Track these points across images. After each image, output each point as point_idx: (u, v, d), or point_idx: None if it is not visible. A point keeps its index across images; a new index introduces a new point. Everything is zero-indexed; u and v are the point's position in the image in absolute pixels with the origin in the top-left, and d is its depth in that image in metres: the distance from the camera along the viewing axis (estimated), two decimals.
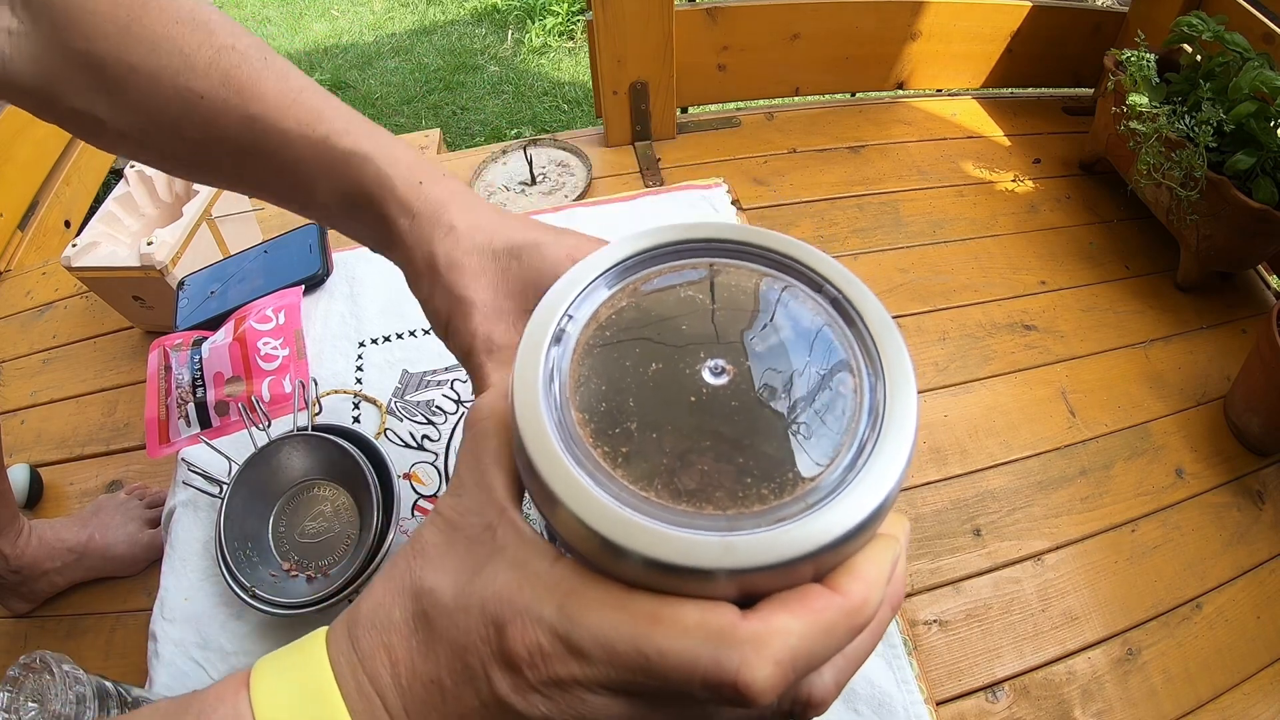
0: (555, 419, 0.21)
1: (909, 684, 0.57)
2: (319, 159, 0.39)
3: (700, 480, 0.20)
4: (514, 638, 0.21)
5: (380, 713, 0.22)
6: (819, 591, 0.20)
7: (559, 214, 0.91)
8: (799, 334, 0.23)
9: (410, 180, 0.39)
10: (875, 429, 0.21)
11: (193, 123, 0.39)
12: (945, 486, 0.93)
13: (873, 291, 0.24)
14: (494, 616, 0.21)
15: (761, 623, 0.19)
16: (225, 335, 0.77)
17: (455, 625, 0.22)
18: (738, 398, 0.22)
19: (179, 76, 0.38)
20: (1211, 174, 1.00)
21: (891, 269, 1.18)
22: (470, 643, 0.22)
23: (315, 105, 0.39)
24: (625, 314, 0.24)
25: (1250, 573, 0.87)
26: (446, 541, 0.24)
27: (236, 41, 0.39)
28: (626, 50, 1.24)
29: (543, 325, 0.23)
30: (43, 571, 0.81)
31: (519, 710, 0.21)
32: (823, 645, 0.20)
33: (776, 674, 0.19)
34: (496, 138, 2.33)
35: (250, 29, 1.63)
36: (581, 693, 0.20)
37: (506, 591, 0.21)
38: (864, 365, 0.23)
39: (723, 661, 0.19)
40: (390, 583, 0.24)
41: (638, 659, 0.19)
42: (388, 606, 0.23)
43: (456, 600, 0.22)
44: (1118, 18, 1.41)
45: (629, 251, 0.25)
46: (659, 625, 0.19)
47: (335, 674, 0.23)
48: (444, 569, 0.23)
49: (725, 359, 0.22)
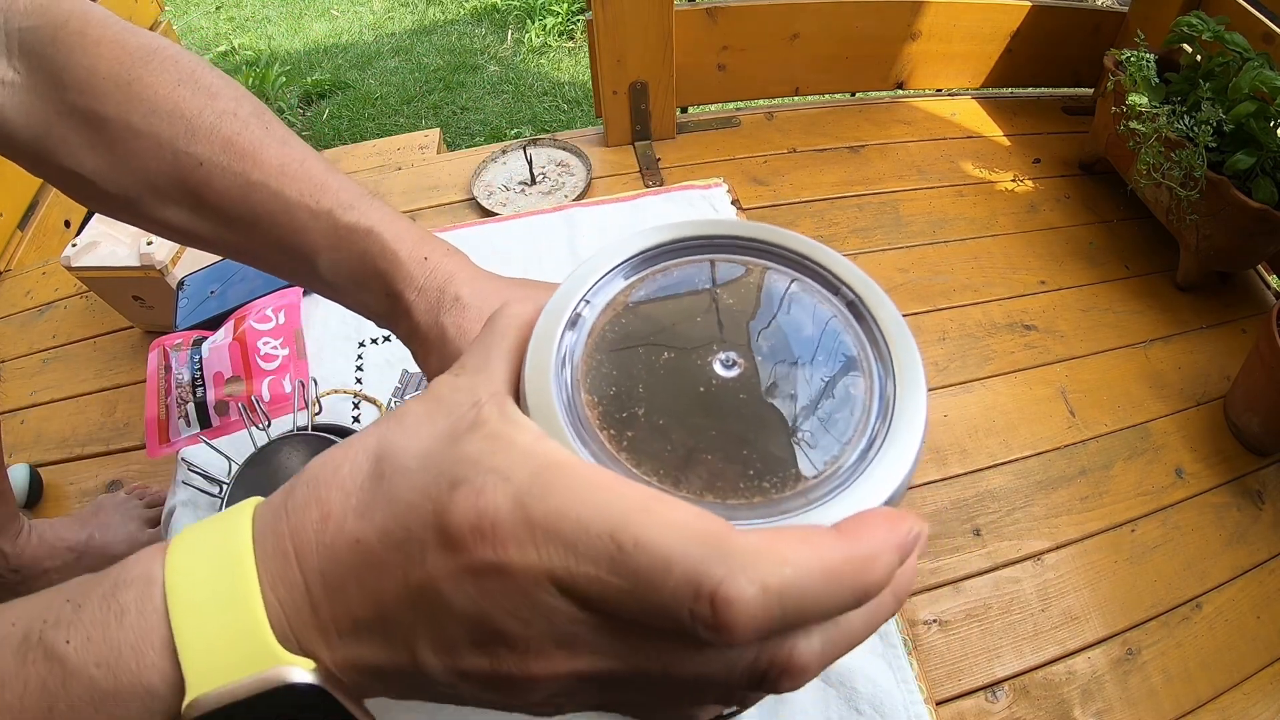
0: (564, 400, 0.21)
1: (909, 683, 0.57)
2: (323, 231, 0.38)
3: (702, 470, 0.20)
4: (464, 498, 0.17)
5: (294, 572, 0.19)
6: (825, 532, 0.18)
7: (559, 214, 0.91)
8: (811, 331, 0.24)
9: (416, 255, 0.38)
10: (885, 426, 0.21)
11: (189, 189, 0.38)
12: (945, 486, 0.93)
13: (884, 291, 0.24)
14: (452, 475, 0.18)
15: (760, 540, 0.16)
16: (225, 335, 0.77)
17: (409, 484, 0.19)
18: (747, 391, 0.22)
19: (178, 140, 0.37)
20: (1211, 174, 1.00)
21: (891, 269, 1.18)
22: (415, 500, 0.18)
23: (318, 176, 0.39)
24: (640, 305, 0.24)
25: (1250, 573, 0.87)
26: (428, 413, 0.21)
27: (239, 108, 0.39)
28: (626, 50, 1.24)
29: (558, 311, 0.23)
30: (42, 570, 0.81)
31: (445, 598, 0.18)
32: (820, 592, 0.16)
33: (761, 602, 0.16)
34: (496, 138, 2.33)
35: (250, 29, 1.63)
36: (529, 586, 0.17)
37: (478, 453, 0.18)
38: (875, 362, 0.23)
39: (704, 568, 0.16)
40: (351, 443, 0.21)
41: (608, 547, 0.16)
42: (337, 461, 0.20)
43: (421, 461, 0.19)
44: (1118, 18, 1.41)
45: (645, 245, 0.25)
46: (645, 514, 0.17)
47: (255, 531, 0.20)
48: (417, 434, 0.20)
49: (737, 352, 0.22)
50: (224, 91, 0.39)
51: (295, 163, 0.38)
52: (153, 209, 0.39)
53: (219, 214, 0.39)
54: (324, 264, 0.39)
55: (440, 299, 0.38)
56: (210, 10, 3.14)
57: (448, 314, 0.37)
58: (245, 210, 0.38)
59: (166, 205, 0.39)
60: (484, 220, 0.97)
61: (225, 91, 0.39)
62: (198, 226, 0.40)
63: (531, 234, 0.92)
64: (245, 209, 0.38)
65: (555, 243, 0.91)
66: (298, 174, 0.38)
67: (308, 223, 0.38)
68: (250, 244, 0.40)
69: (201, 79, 0.38)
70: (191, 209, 0.39)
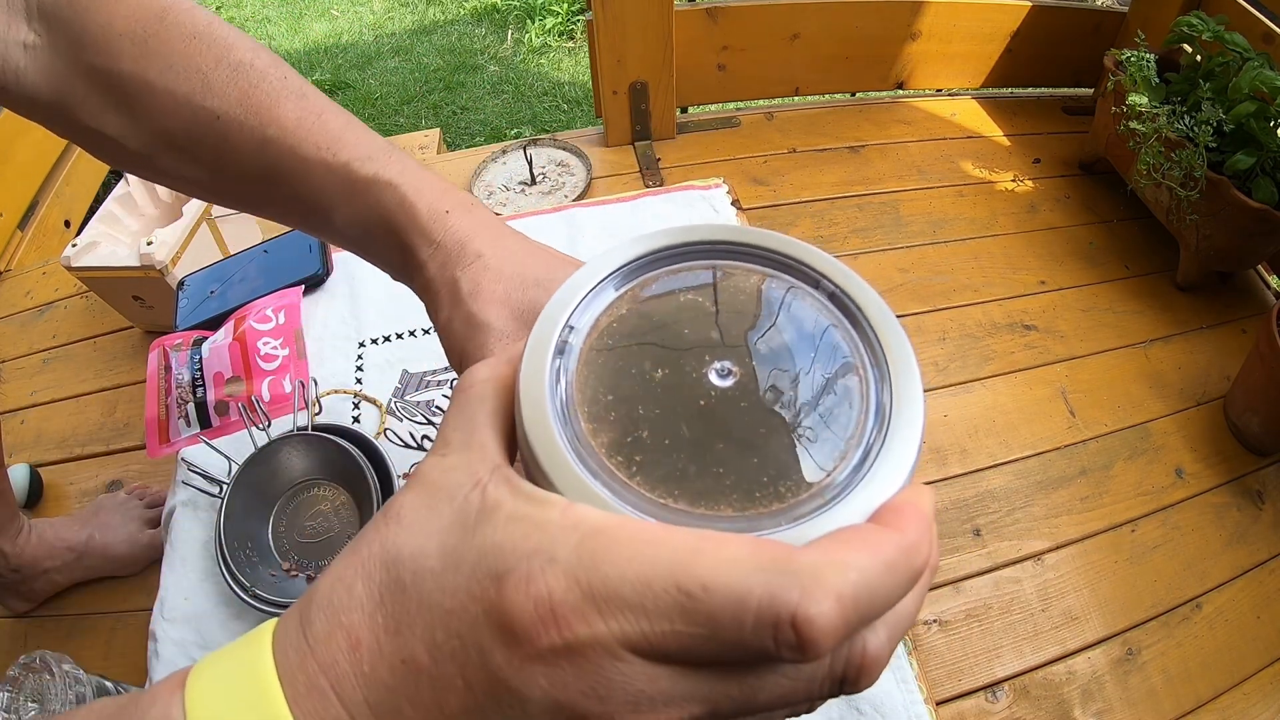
0: (568, 437, 0.21)
1: (909, 683, 0.57)
2: (339, 185, 0.38)
3: (716, 484, 0.20)
4: (517, 588, 0.17)
5: (335, 709, 0.18)
6: (873, 528, 0.18)
7: (559, 214, 0.91)
8: (802, 332, 0.24)
9: (436, 209, 0.38)
10: (883, 423, 0.21)
11: (207, 144, 0.38)
12: (945, 486, 0.93)
13: (872, 287, 0.24)
14: (492, 569, 0.17)
15: (820, 554, 0.16)
16: (225, 335, 0.77)
17: (442, 588, 0.18)
18: (746, 398, 0.22)
19: (195, 95, 0.37)
20: (1211, 174, 1.00)
21: (891, 269, 1.18)
22: (458, 605, 0.17)
23: (335, 129, 0.38)
24: (626, 321, 0.24)
25: (1250, 573, 0.87)
26: (424, 504, 0.19)
27: (255, 59, 0.38)
28: (626, 50, 1.24)
29: (545, 337, 0.23)
30: (42, 570, 0.81)
31: (518, 691, 0.17)
32: (884, 586, 0.17)
33: (838, 612, 0.16)
34: (496, 138, 2.33)
35: (250, 29, 1.64)
36: (602, 659, 0.16)
37: (509, 541, 0.17)
38: (868, 359, 0.23)
39: (779, 592, 0.16)
40: (353, 555, 0.20)
41: (679, 598, 0.16)
42: (348, 581, 0.19)
43: (445, 560, 0.18)
44: (1118, 18, 1.41)
45: (625, 258, 0.25)
46: (702, 556, 0.16)
47: (279, 667, 0.19)
48: (425, 533, 0.19)
49: (730, 361, 0.22)
50: (239, 43, 0.38)
51: (313, 115, 0.38)
52: (173, 165, 0.40)
53: (237, 169, 0.39)
54: (340, 218, 0.39)
55: (460, 254, 0.37)
56: (210, 10, 3.14)
57: (465, 269, 0.36)
58: (262, 165, 0.38)
59: (185, 161, 0.39)
60: None
61: (240, 43, 0.38)
62: (216, 182, 0.40)
63: (532, 234, 0.92)
64: (262, 164, 0.38)
65: (556, 243, 0.91)
66: (314, 127, 0.38)
67: (324, 177, 0.38)
68: (268, 198, 0.40)
69: (217, 32, 0.38)
70: (210, 165, 0.39)
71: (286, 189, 0.39)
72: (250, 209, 0.43)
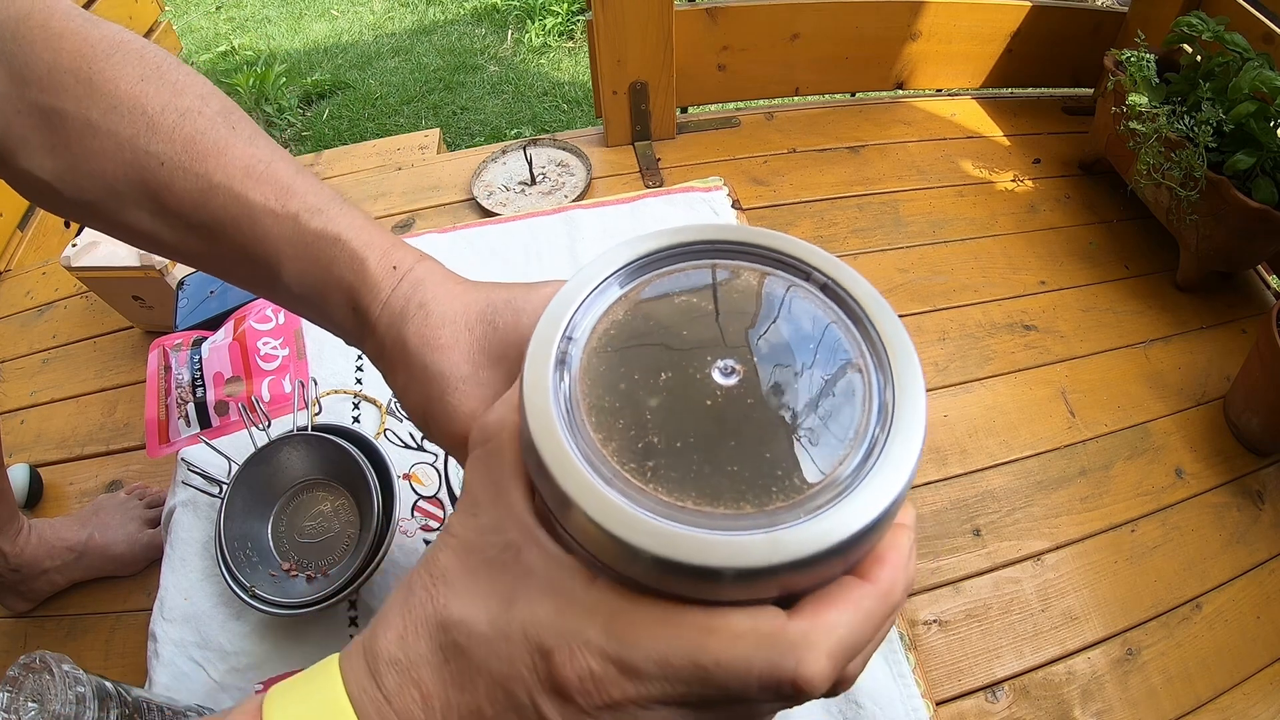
0: (579, 446, 0.21)
1: (905, 678, 0.58)
2: (286, 236, 0.36)
3: (733, 482, 0.20)
4: (562, 664, 0.20)
5: None
6: (854, 583, 0.21)
7: (559, 214, 0.91)
8: (803, 329, 0.24)
9: (384, 265, 0.36)
10: (887, 416, 0.21)
11: (149, 191, 0.36)
12: (945, 486, 0.93)
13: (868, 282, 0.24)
14: (537, 644, 0.21)
15: (809, 621, 0.20)
16: (225, 335, 0.77)
17: (496, 654, 0.21)
18: (752, 395, 0.22)
19: (139, 138, 0.35)
20: (1211, 174, 1.00)
21: (891, 269, 1.18)
22: (515, 672, 0.21)
23: (284, 178, 0.36)
24: (626, 325, 0.24)
25: (1250, 573, 0.87)
26: (465, 566, 0.23)
27: (205, 105, 0.36)
28: (626, 50, 1.24)
29: (545, 348, 0.23)
30: (42, 570, 0.81)
31: None
32: (864, 632, 0.21)
33: (829, 666, 0.20)
34: (496, 138, 2.33)
35: (250, 29, 1.63)
36: (636, 710, 0.21)
37: (547, 618, 0.21)
38: (868, 352, 0.23)
39: (779, 663, 0.19)
40: (410, 614, 0.23)
41: (696, 671, 0.20)
42: (411, 640, 0.23)
43: (493, 628, 0.22)
44: (1118, 18, 1.41)
45: (619, 263, 0.25)
46: (712, 635, 0.20)
47: (359, 714, 0.22)
48: (471, 596, 0.22)
49: (734, 358, 0.22)
50: (190, 88, 0.37)
51: (261, 164, 0.36)
52: (114, 212, 0.37)
53: (181, 218, 0.36)
54: (288, 273, 0.37)
55: (404, 310, 0.35)
56: (210, 10, 3.14)
57: (409, 324, 0.35)
58: (207, 215, 0.36)
59: (127, 208, 0.37)
60: (484, 221, 0.97)
61: (191, 88, 0.37)
62: (160, 231, 0.38)
63: (532, 234, 0.92)
64: (207, 213, 0.36)
65: (555, 243, 0.91)
66: (263, 176, 0.36)
67: (271, 228, 0.36)
68: (214, 251, 0.38)
69: (167, 74, 0.36)
70: (153, 213, 0.37)
71: (233, 240, 0.37)
72: (197, 264, 0.40)
